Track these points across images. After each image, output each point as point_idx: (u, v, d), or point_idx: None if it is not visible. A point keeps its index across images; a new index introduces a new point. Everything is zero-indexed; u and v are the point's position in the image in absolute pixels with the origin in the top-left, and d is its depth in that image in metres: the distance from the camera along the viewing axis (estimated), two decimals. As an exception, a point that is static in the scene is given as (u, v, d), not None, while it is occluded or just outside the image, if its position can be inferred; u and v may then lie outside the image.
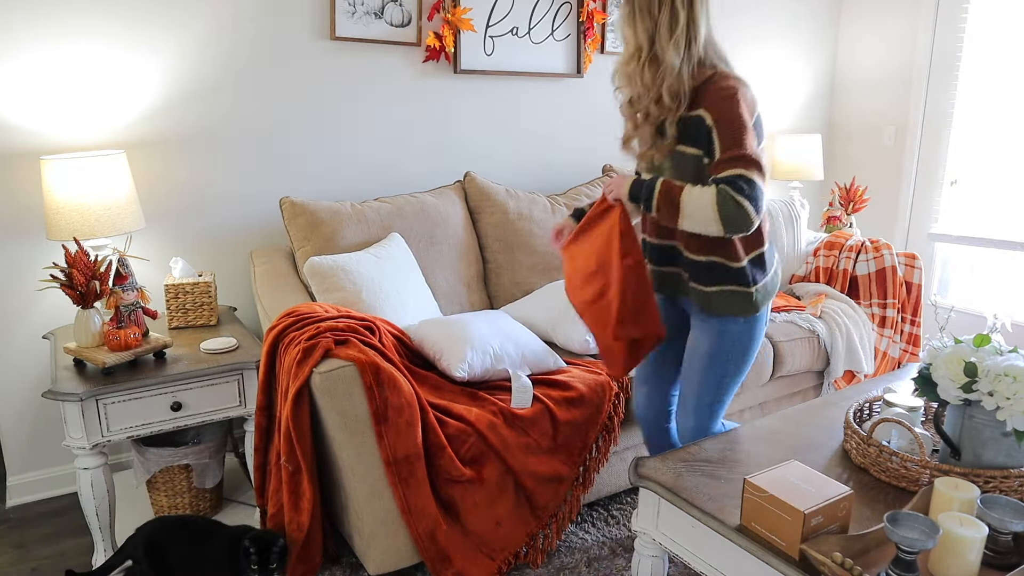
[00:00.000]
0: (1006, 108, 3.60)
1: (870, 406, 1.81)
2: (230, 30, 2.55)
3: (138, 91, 2.44)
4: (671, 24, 1.72)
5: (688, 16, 1.72)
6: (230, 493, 2.46)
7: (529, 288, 2.80)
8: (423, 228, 2.65)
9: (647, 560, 1.66)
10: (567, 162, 3.40)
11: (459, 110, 3.07)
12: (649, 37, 1.74)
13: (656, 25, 1.73)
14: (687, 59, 1.73)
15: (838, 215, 3.70)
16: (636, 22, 1.76)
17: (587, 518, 2.38)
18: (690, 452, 1.70)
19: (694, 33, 1.73)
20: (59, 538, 2.30)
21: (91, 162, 2.14)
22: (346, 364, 1.84)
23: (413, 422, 1.89)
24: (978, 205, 3.79)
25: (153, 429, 2.04)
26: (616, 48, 3.38)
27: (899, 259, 3.16)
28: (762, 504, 1.33)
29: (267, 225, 2.75)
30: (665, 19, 1.72)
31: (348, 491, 1.93)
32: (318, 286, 2.28)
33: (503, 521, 2.03)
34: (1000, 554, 1.30)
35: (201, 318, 2.38)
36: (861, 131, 4.19)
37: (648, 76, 1.75)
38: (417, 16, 2.86)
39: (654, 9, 1.73)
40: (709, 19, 1.78)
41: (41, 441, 2.50)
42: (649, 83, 1.75)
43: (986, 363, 1.45)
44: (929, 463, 1.49)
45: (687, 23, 1.72)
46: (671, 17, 1.72)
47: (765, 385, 2.76)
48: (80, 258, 1.97)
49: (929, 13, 3.76)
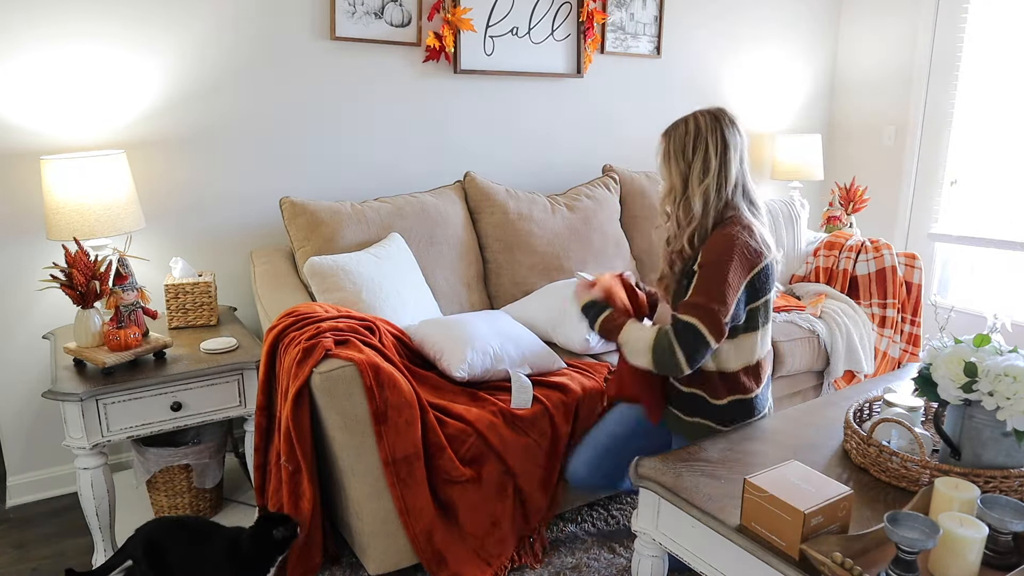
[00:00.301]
0: (1006, 108, 3.60)
1: (870, 406, 1.81)
2: (230, 30, 2.55)
3: (138, 91, 2.44)
4: (703, 171, 1.74)
5: (720, 162, 1.74)
6: (230, 493, 2.46)
7: (529, 288, 2.80)
8: (423, 228, 2.65)
9: (647, 560, 1.66)
10: (567, 162, 3.40)
11: (459, 110, 3.07)
12: (683, 179, 1.78)
13: (690, 169, 1.76)
14: (715, 204, 1.75)
15: (838, 215, 3.70)
16: (671, 163, 1.79)
17: (587, 518, 2.38)
18: (690, 452, 1.70)
19: (724, 179, 1.75)
20: (59, 538, 2.30)
21: (91, 162, 2.14)
22: (346, 364, 1.84)
23: (412, 422, 1.89)
24: (978, 205, 3.79)
25: (153, 429, 2.04)
26: (616, 48, 3.38)
27: (899, 259, 3.16)
28: (762, 504, 1.33)
29: (267, 225, 2.75)
30: (698, 165, 1.75)
31: (348, 491, 1.93)
32: (318, 286, 2.28)
33: (500, 521, 2.03)
34: (1000, 554, 1.30)
35: (201, 318, 2.38)
36: (861, 131, 4.19)
37: (682, 216, 1.78)
38: (417, 16, 2.86)
39: (688, 153, 1.76)
40: (743, 162, 1.79)
41: (41, 441, 2.50)
42: (684, 223, 1.78)
43: (986, 363, 1.45)
44: (929, 463, 1.49)
45: (719, 169, 1.74)
46: (704, 163, 1.74)
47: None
48: (80, 258, 1.97)
49: (929, 13, 3.76)
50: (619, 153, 3.50)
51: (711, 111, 1.78)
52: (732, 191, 1.76)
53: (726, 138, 1.74)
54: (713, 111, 1.78)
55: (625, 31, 3.39)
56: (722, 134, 1.74)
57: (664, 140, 1.81)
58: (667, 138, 1.80)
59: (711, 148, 1.73)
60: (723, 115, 1.77)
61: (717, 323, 1.67)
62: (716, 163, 1.73)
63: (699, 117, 1.76)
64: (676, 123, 1.80)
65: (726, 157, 1.74)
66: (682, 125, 1.78)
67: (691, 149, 1.75)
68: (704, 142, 1.74)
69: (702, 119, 1.76)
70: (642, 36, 3.45)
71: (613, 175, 3.25)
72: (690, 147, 1.75)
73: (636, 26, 3.42)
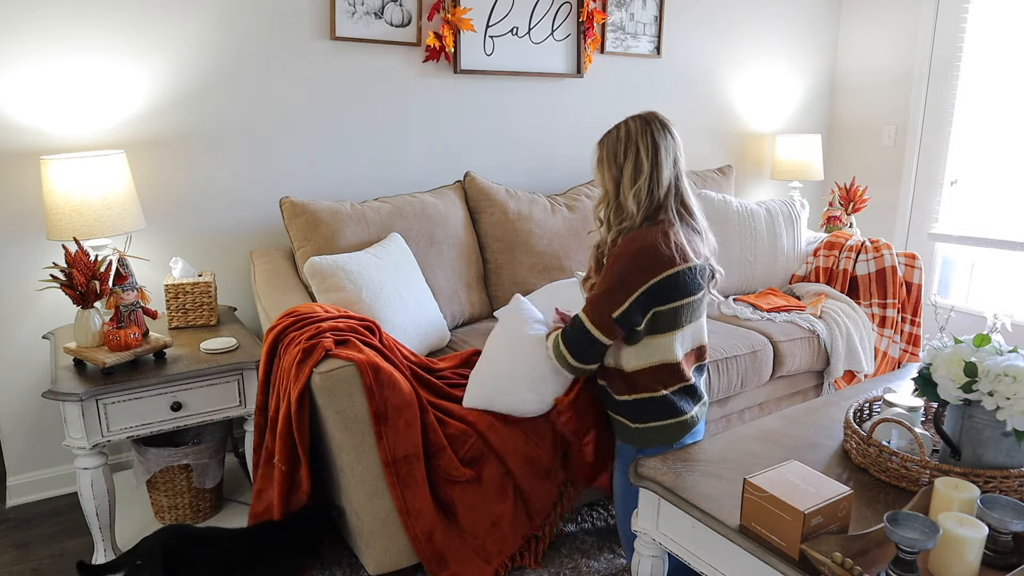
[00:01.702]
0: (1006, 108, 3.60)
1: (870, 406, 1.81)
2: (230, 30, 2.55)
3: (138, 91, 2.44)
4: (634, 173, 1.77)
5: (652, 164, 1.76)
6: (230, 493, 2.46)
7: (529, 288, 2.80)
8: (423, 228, 2.65)
9: (647, 560, 1.66)
10: (567, 162, 3.39)
11: (459, 110, 3.07)
12: (616, 184, 1.80)
13: (621, 173, 1.78)
14: (647, 206, 1.77)
15: (838, 215, 3.70)
16: (604, 169, 1.82)
17: (587, 518, 2.38)
18: (690, 452, 1.70)
19: (657, 181, 1.77)
20: (59, 538, 2.30)
21: (91, 162, 2.14)
22: (346, 364, 1.84)
23: (412, 422, 1.89)
24: (978, 205, 3.79)
25: (153, 429, 2.04)
26: (616, 48, 3.38)
27: (899, 259, 3.16)
28: (762, 504, 1.33)
29: (267, 225, 2.75)
30: (629, 169, 1.77)
31: (348, 491, 1.93)
32: (318, 286, 2.28)
33: (500, 521, 2.03)
34: (1000, 554, 1.30)
35: (201, 318, 2.38)
36: (861, 131, 4.19)
37: (614, 219, 1.81)
38: (417, 16, 2.86)
39: (619, 157, 1.79)
40: (677, 164, 1.80)
41: (41, 441, 2.50)
42: (615, 225, 1.80)
43: (986, 363, 1.46)
44: (929, 463, 1.49)
45: (651, 172, 1.76)
46: (635, 167, 1.77)
47: (765, 385, 2.76)
48: (80, 258, 1.97)
49: (929, 13, 3.76)
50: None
51: (642, 115, 1.80)
52: (664, 194, 1.77)
53: (656, 141, 1.76)
54: (644, 115, 1.80)
55: (625, 31, 3.39)
56: (652, 137, 1.76)
57: (599, 147, 1.84)
58: (601, 145, 1.83)
59: (642, 151, 1.75)
60: (653, 119, 1.79)
61: (603, 319, 1.73)
62: (648, 166, 1.75)
63: (630, 122, 1.79)
64: (609, 130, 1.83)
65: (657, 159, 1.76)
66: (614, 131, 1.81)
67: (622, 153, 1.77)
68: (635, 146, 1.76)
69: (632, 124, 1.78)
70: (642, 36, 3.45)
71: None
72: (621, 152, 1.78)
73: (636, 26, 3.42)
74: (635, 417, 1.84)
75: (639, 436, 1.84)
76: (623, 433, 1.89)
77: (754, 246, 3.25)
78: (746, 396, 2.71)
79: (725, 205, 3.24)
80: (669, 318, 1.76)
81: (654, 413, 1.82)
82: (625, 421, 1.86)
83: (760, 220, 3.28)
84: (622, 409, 1.86)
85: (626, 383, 1.83)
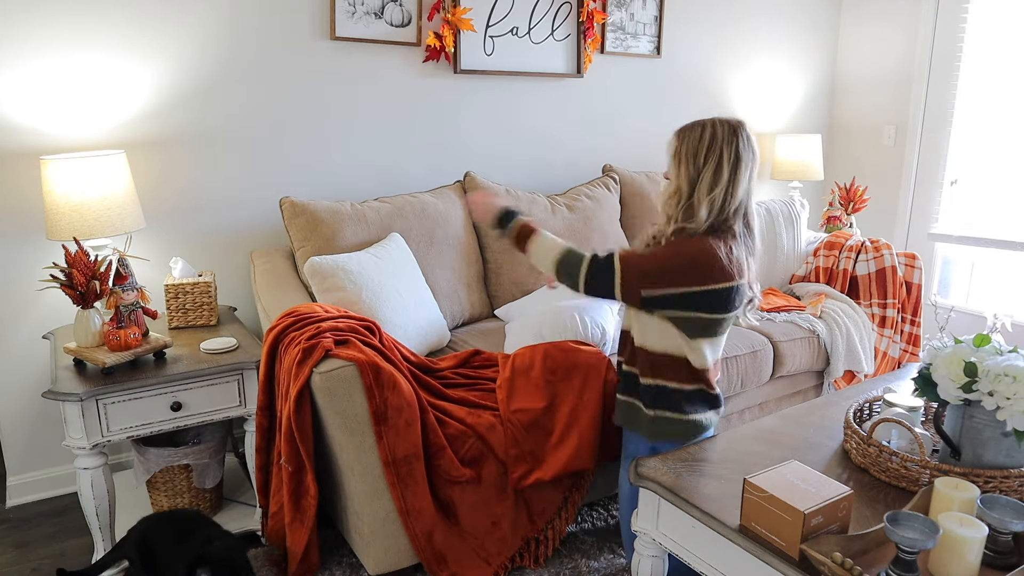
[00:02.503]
0: (1006, 108, 3.60)
1: (870, 406, 1.81)
2: (230, 30, 2.55)
3: (138, 91, 2.44)
4: (713, 180, 1.71)
5: (731, 177, 1.71)
6: (230, 493, 2.46)
7: (529, 288, 2.80)
8: (423, 228, 2.65)
9: (647, 560, 1.66)
10: (567, 162, 3.40)
11: (459, 110, 3.07)
12: (691, 184, 1.74)
13: (699, 175, 1.73)
14: (716, 215, 1.73)
15: (838, 215, 3.70)
16: (681, 164, 1.76)
17: (587, 518, 2.38)
18: (690, 452, 1.70)
19: (731, 194, 1.72)
20: (59, 538, 2.30)
21: (91, 162, 2.14)
22: (346, 364, 1.84)
23: (412, 422, 1.89)
24: (978, 205, 3.79)
25: (153, 429, 2.04)
26: (616, 48, 3.38)
27: (899, 259, 3.16)
28: (762, 504, 1.33)
29: (267, 225, 2.75)
30: (709, 174, 1.72)
31: (348, 491, 1.93)
32: (318, 286, 2.28)
33: (500, 521, 2.03)
34: (1000, 554, 1.30)
35: (201, 318, 2.38)
36: (861, 131, 4.19)
37: (682, 220, 1.76)
38: (417, 16, 2.86)
39: (700, 159, 1.72)
40: (751, 181, 1.76)
41: (41, 441, 2.50)
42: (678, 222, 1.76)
43: (986, 363, 1.45)
44: (929, 463, 1.49)
45: (728, 183, 1.71)
46: (715, 173, 1.71)
47: (765, 385, 2.76)
48: (80, 258, 1.97)
49: (929, 13, 3.76)
50: (619, 153, 3.50)
51: (731, 122, 1.74)
52: (735, 210, 1.74)
53: (740, 153, 1.71)
54: (733, 122, 1.74)
55: (625, 31, 3.39)
56: (737, 148, 1.71)
57: (677, 139, 1.77)
58: (680, 138, 1.76)
59: (724, 160, 1.70)
60: (742, 129, 1.73)
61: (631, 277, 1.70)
62: (727, 176, 1.70)
63: (717, 125, 1.73)
64: (693, 124, 1.76)
65: (737, 173, 1.71)
66: (699, 129, 1.74)
67: (703, 156, 1.71)
68: (719, 151, 1.70)
69: (720, 128, 1.72)
70: (642, 36, 3.45)
71: (613, 175, 3.25)
72: (702, 154, 1.71)
73: (636, 26, 3.42)
74: (653, 402, 1.81)
75: (652, 424, 1.81)
76: (635, 420, 1.85)
77: (754, 246, 3.25)
78: (746, 396, 2.71)
79: (725, 205, 3.24)
80: (711, 327, 1.75)
81: (673, 403, 1.81)
82: (640, 405, 1.83)
83: (760, 220, 3.28)
84: (642, 393, 1.83)
85: (650, 366, 1.80)
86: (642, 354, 1.82)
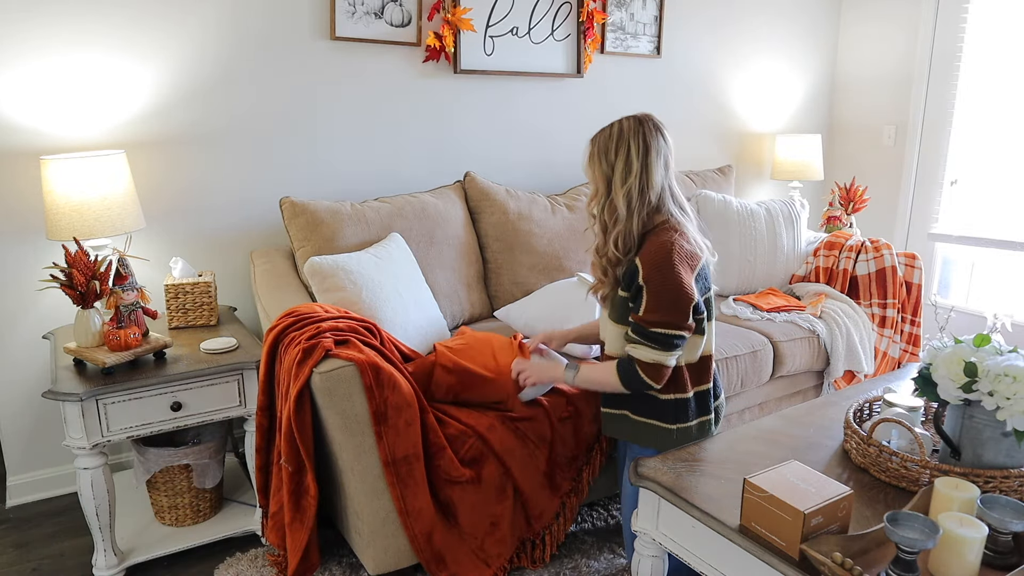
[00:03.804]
0: (1006, 108, 3.60)
1: (870, 406, 1.81)
2: (230, 30, 2.55)
3: (138, 91, 2.44)
4: (624, 172, 1.76)
5: (642, 164, 1.75)
6: (230, 493, 2.46)
7: (529, 288, 2.80)
8: (423, 228, 2.65)
9: (647, 560, 1.66)
10: (567, 162, 3.40)
11: (459, 110, 3.07)
12: (607, 181, 1.79)
13: (612, 170, 1.78)
14: (639, 208, 1.76)
15: (838, 215, 3.70)
16: (595, 165, 1.81)
17: (587, 518, 2.38)
18: (690, 452, 1.70)
19: (647, 182, 1.76)
20: (59, 538, 2.30)
21: (91, 162, 2.14)
22: (346, 364, 1.84)
23: (412, 422, 1.89)
24: (978, 205, 3.79)
25: (153, 429, 2.04)
26: (616, 48, 3.39)
27: (899, 259, 3.16)
28: (762, 504, 1.33)
29: (267, 225, 2.75)
30: (620, 166, 1.76)
31: (348, 491, 1.93)
32: (318, 286, 2.28)
33: (499, 522, 2.03)
34: (1000, 554, 1.30)
35: (201, 318, 2.38)
36: (861, 131, 4.19)
37: (607, 218, 1.79)
38: (417, 16, 2.86)
39: (610, 155, 1.78)
40: (668, 167, 1.80)
41: (41, 441, 2.50)
42: (609, 226, 1.79)
43: (986, 363, 1.45)
44: (929, 463, 1.49)
45: (640, 171, 1.75)
46: (625, 165, 1.76)
47: (765, 385, 2.76)
48: (80, 258, 1.97)
49: (929, 13, 3.76)
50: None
51: (636, 115, 1.79)
52: (658, 195, 1.77)
53: (647, 141, 1.75)
54: (638, 116, 1.79)
55: (625, 31, 3.39)
56: (644, 137, 1.75)
57: (591, 144, 1.83)
58: (593, 142, 1.83)
59: (632, 150, 1.75)
60: (647, 120, 1.79)
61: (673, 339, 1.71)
62: (638, 165, 1.74)
63: (623, 121, 1.78)
64: (602, 128, 1.82)
65: (647, 159, 1.75)
66: (607, 129, 1.80)
67: (613, 151, 1.77)
68: (626, 144, 1.75)
69: (626, 123, 1.78)
70: (642, 36, 3.45)
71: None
72: (612, 149, 1.77)
73: (636, 26, 3.42)
74: (674, 418, 1.82)
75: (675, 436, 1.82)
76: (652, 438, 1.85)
77: (754, 246, 3.25)
78: (746, 396, 2.71)
79: (725, 205, 3.24)
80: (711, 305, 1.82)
81: (690, 412, 1.83)
82: (661, 424, 1.83)
83: (760, 220, 3.28)
84: (661, 411, 1.83)
85: (673, 381, 1.81)
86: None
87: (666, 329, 1.70)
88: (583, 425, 2.16)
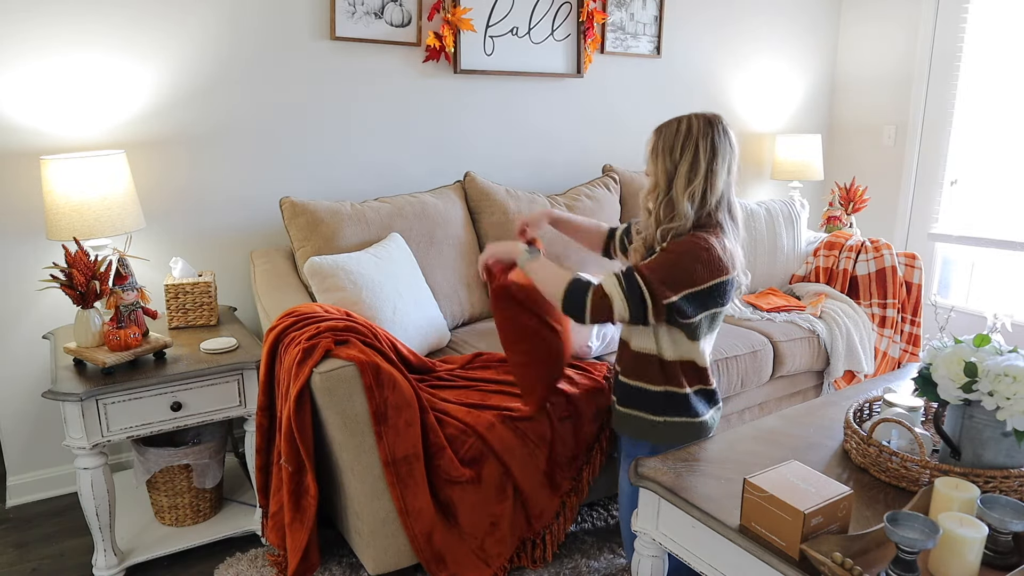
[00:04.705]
0: (1006, 108, 3.60)
1: (870, 406, 1.81)
2: (230, 30, 2.55)
3: (138, 91, 2.44)
4: (690, 173, 1.72)
5: (708, 168, 1.71)
6: (230, 493, 2.46)
7: (529, 288, 2.80)
8: (423, 228, 2.65)
9: (647, 560, 1.66)
10: (567, 162, 3.40)
11: (459, 110, 3.07)
12: (668, 178, 1.75)
13: (676, 169, 1.73)
14: (697, 209, 1.73)
15: (838, 215, 3.70)
16: (658, 159, 1.76)
17: (587, 518, 2.38)
18: (690, 452, 1.70)
19: (711, 186, 1.72)
20: (59, 538, 2.30)
21: (91, 162, 2.14)
22: (346, 364, 1.84)
23: (412, 422, 1.89)
24: (978, 205, 3.79)
25: (153, 429, 2.04)
26: (616, 48, 3.38)
27: (899, 259, 3.16)
28: (762, 504, 1.33)
29: (267, 225, 2.75)
30: (685, 167, 1.72)
31: (348, 491, 1.93)
32: (318, 286, 2.28)
33: (499, 522, 2.03)
34: (1000, 554, 1.30)
35: (201, 318, 2.38)
36: (861, 131, 4.19)
37: (663, 214, 1.76)
38: (417, 16, 2.86)
39: (676, 153, 1.73)
40: (731, 174, 1.76)
41: (41, 441, 2.50)
42: (664, 221, 1.76)
43: (986, 363, 1.45)
44: (929, 463, 1.49)
45: (706, 174, 1.72)
46: (691, 166, 1.72)
47: (765, 385, 2.76)
48: (80, 258, 1.97)
49: (929, 13, 3.76)
50: (619, 153, 3.50)
51: (706, 115, 1.76)
52: (717, 202, 1.75)
53: (715, 144, 1.72)
54: (708, 116, 1.76)
55: (625, 31, 3.39)
56: (712, 140, 1.72)
57: (655, 136, 1.79)
58: (658, 134, 1.78)
59: (700, 152, 1.71)
60: (717, 121, 1.75)
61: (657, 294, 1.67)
62: (704, 168, 1.71)
63: (693, 119, 1.75)
64: (670, 121, 1.78)
65: (713, 165, 1.72)
66: (675, 124, 1.76)
67: (679, 149, 1.73)
68: (694, 145, 1.72)
69: (696, 121, 1.74)
70: (642, 36, 3.45)
71: (613, 175, 3.25)
72: (678, 147, 1.73)
73: (636, 26, 3.42)
74: (662, 410, 1.81)
75: (660, 431, 1.82)
76: (639, 429, 1.85)
77: (754, 246, 3.25)
78: (746, 396, 2.71)
79: (725, 205, 3.24)
80: (706, 322, 1.78)
81: (679, 408, 1.82)
82: (647, 416, 1.83)
83: (760, 220, 3.28)
84: (650, 401, 1.83)
85: (663, 373, 1.80)
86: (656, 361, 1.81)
87: (645, 285, 1.67)
88: (583, 425, 2.16)
